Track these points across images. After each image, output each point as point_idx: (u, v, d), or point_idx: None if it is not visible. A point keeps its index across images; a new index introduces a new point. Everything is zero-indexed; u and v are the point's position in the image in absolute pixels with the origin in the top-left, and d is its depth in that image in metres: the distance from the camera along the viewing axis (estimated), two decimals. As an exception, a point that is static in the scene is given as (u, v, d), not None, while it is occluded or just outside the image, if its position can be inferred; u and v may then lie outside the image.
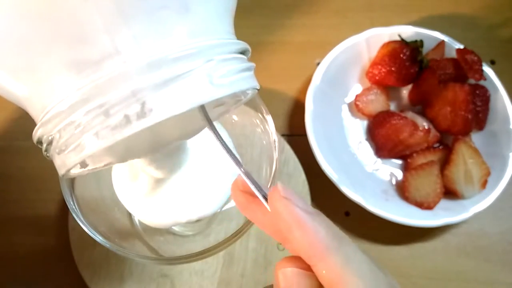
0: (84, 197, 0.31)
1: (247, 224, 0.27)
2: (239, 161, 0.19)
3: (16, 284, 0.39)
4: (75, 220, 0.28)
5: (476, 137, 0.42)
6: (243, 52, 0.19)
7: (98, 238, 0.28)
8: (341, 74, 0.45)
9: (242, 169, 0.18)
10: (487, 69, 0.44)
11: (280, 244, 0.18)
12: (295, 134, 0.45)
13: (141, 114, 0.15)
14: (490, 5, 0.52)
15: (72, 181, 0.30)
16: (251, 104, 0.33)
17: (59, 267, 0.39)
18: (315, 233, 0.16)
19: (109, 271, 0.37)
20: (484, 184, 0.39)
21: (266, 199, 0.18)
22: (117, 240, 0.31)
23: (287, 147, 0.42)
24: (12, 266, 0.40)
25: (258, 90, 0.20)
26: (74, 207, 0.29)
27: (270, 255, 0.38)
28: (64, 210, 0.41)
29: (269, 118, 0.32)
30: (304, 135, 0.41)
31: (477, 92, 0.42)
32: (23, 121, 0.46)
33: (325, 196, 0.41)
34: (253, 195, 0.18)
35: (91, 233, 0.28)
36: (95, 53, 0.15)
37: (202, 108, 0.20)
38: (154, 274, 0.37)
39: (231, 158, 0.19)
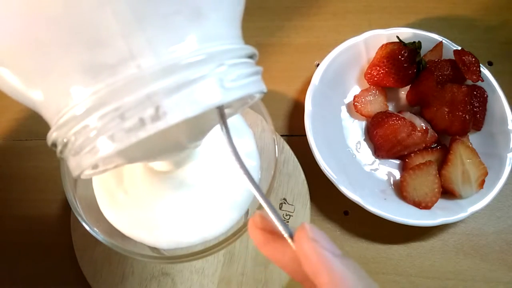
0: (86, 197, 0.31)
1: (248, 223, 0.28)
2: (263, 193, 0.18)
3: (18, 283, 0.39)
4: (78, 220, 0.29)
5: (473, 138, 0.43)
6: (251, 56, 0.20)
7: (100, 237, 0.29)
8: (340, 75, 0.45)
9: (266, 204, 0.17)
10: (485, 70, 0.44)
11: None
12: (294, 134, 0.45)
13: (156, 117, 0.16)
14: (488, 7, 0.52)
15: (74, 181, 0.31)
16: (251, 105, 0.33)
17: (61, 266, 0.39)
18: (344, 278, 0.15)
19: (110, 270, 0.37)
20: (481, 184, 0.39)
21: (291, 236, 0.17)
22: (119, 239, 0.31)
23: (287, 147, 0.42)
24: (14, 265, 0.40)
25: (265, 93, 0.20)
26: (76, 207, 0.30)
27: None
28: (66, 209, 0.41)
29: (268, 118, 0.33)
30: (303, 135, 0.41)
31: (475, 93, 0.43)
32: (26, 122, 0.46)
33: (324, 195, 0.42)
34: (272, 233, 0.18)
35: (93, 232, 0.28)
36: (111, 57, 0.16)
37: (221, 112, 0.20)
38: (155, 272, 0.37)
39: (254, 190, 0.18)
